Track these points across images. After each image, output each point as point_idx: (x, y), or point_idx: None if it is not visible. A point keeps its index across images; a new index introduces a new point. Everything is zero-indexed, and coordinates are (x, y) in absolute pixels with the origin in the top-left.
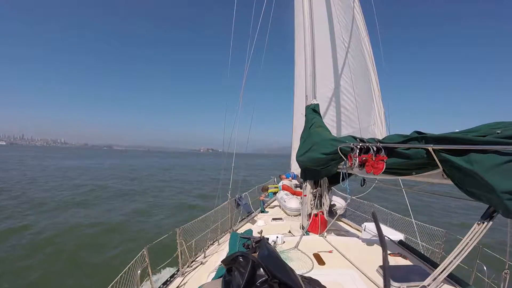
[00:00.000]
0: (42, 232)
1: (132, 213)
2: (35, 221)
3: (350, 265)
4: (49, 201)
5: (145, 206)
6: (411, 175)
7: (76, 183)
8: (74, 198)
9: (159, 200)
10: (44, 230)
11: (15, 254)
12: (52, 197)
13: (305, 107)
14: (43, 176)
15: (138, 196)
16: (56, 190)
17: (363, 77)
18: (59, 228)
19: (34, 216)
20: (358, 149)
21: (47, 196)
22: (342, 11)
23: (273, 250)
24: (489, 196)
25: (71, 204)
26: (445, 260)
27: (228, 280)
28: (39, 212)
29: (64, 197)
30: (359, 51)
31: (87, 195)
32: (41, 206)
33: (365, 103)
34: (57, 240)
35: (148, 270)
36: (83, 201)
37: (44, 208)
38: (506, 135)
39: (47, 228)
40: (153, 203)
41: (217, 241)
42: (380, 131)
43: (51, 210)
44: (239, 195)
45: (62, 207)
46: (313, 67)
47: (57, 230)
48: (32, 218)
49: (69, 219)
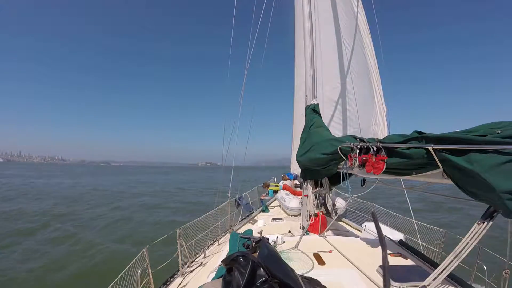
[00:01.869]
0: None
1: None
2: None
3: (350, 265)
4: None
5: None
6: (411, 175)
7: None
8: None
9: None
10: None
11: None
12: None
13: (305, 107)
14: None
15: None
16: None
17: (364, 77)
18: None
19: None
20: (358, 149)
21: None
22: (343, 10)
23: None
24: (489, 196)
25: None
26: (445, 260)
27: (228, 280)
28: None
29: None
30: (360, 51)
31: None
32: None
33: (366, 102)
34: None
35: (148, 270)
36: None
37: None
38: (507, 135)
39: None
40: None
41: (217, 241)
42: (382, 130)
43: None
44: (239, 195)
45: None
46: (313, 67)
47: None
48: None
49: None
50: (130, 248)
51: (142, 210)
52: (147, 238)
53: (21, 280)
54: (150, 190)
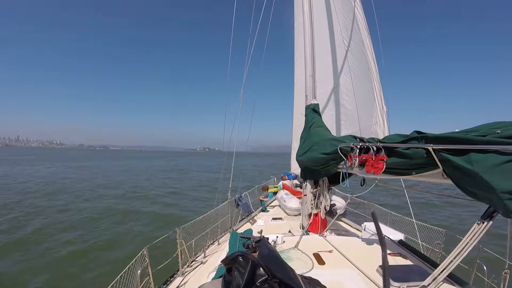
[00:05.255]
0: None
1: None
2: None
3: (350, 265)
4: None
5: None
6: (411, 175)
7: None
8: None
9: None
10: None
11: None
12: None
13: (305, 107)
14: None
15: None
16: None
17: (364, 76)
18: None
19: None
20: (358, 149)
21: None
22: (342, 10)
23: (273, 250)
24: (489, 196)
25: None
26: (445, 260)
27: (228, 280)
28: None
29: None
30: (360, 50)
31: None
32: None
33: (367, 102)
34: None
35: (148, 270)
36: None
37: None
38: (506, 135)
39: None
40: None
41: (217, 241)
42: (382, 130)
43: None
44: (239, 195)
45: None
46: (313, 67)
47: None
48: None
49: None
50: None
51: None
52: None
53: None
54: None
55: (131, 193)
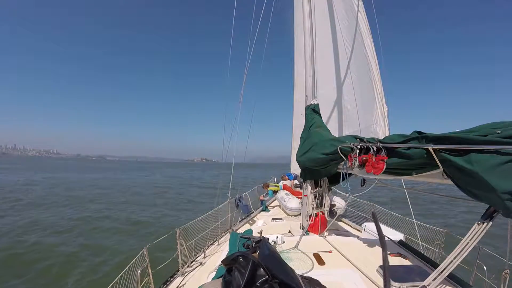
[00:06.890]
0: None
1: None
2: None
3: (350, 265)
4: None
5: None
6: (412, 175)
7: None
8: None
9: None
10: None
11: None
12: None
13: (305, 107)
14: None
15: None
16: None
17: (365, 76)
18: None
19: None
20: (358, 149)
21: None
22: (343, 10)
23: (273, 250)
24: (489, 196)
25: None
26: (445, 260)
27: (228, 280)
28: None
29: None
30: (361, 50)
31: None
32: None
33: (367, 102)
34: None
35: (148, 270)
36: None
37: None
38: (506, 135)
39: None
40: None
41: (217, 241)
42: (383, 130)
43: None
44: (239, 195)
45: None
46: (313, 67)
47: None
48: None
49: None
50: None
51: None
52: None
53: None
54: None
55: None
